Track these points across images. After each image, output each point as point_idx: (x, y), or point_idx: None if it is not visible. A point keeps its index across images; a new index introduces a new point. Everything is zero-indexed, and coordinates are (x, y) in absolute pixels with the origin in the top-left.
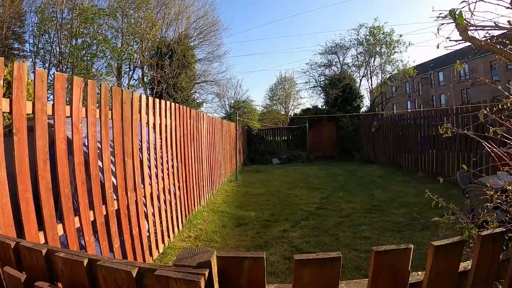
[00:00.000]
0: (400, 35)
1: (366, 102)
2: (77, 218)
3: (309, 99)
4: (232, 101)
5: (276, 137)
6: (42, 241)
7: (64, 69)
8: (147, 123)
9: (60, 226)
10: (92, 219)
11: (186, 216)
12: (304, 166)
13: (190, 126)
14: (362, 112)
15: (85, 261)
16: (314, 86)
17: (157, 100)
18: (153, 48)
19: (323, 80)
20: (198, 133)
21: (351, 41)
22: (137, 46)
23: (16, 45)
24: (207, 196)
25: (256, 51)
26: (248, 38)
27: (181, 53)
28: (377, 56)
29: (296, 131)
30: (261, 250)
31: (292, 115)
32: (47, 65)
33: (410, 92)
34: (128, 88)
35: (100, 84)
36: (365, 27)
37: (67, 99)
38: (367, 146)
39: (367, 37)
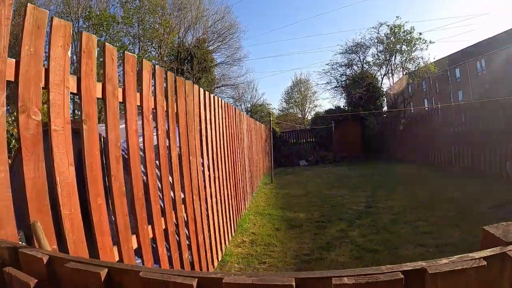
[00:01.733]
0: (420, 33)
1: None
2: (149, 227)
3: (331, 99)
4: (249, 105)
5: (300, 139)
6: (117, 258)
7: None
8: (205, 118)
9: (134, 237)
10: (163, 227)
11: (236, 221)
12: (333, 167)
13: (236, 125)
14: (384, 111)
15: None
16: (336, 87)
17: (212, 95)
18: (172, 53)
19: (344, 80)
20: (241, 132)
21: (371, 40)
22: (155, 52)
23: None
24: (248, 199)
25: (271, 54)
26: (266, 40)
27: (201, 57)
28: (397, 54)
29: (320, 132)
30: (326, 252)
31: (309, 117)
32: None
33: (427, 90)
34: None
35: (166, 71)
36: (386, 25)
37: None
38: (395, 145)
39: (388, 35)
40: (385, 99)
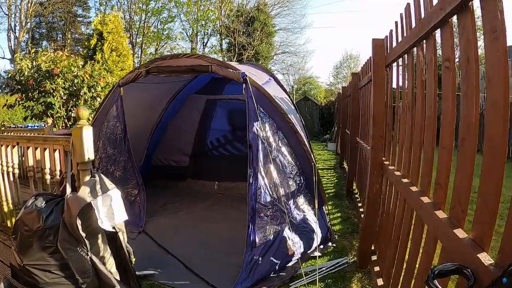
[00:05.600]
0: None
1: None
2: None
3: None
4: (297, 77)
5: None
6: None
7: (134, 36)
8: None
9: None
10: None
11: None
12: None
13: None
14: None
15: None
16: None
17: None
18: (231, 14)
19: None
20: None
21: None
22: (211, 14)
23: (80, 12)
24: None
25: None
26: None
27: (263, 20)
28: None
29: None
30: None
31: None
32: None
33: None
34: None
35: None
36: None
37: None
38: None
39: None
40: None
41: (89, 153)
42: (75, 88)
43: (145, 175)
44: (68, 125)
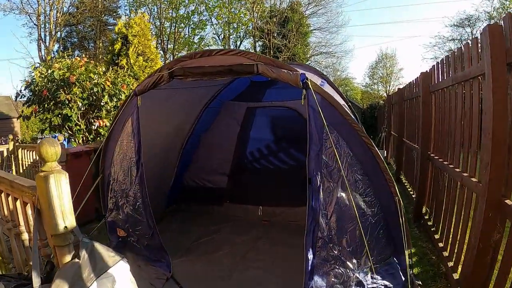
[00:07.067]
0: None
1: None
2: None
3: None
4: (332, 78)
5: None
6: None
7: (165, 41)
8: None
9: None
10: None
11: None
12: None
13: None
14: None
15: None
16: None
17: None
18: (264, 16)
19: None
20: None
21: (485, 12)
22: (242, 16)
23: (111, 21)
24: None
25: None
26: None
27: (298, 21)
28: None
29: None
30: None
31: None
32: None
33: None
34: None
35: None
36: None
37: None
38: None
39: (498, 10)
40: None
41: (65, 219)
42: (95, 98)
43: (175, 198)
44: (90, 139)
